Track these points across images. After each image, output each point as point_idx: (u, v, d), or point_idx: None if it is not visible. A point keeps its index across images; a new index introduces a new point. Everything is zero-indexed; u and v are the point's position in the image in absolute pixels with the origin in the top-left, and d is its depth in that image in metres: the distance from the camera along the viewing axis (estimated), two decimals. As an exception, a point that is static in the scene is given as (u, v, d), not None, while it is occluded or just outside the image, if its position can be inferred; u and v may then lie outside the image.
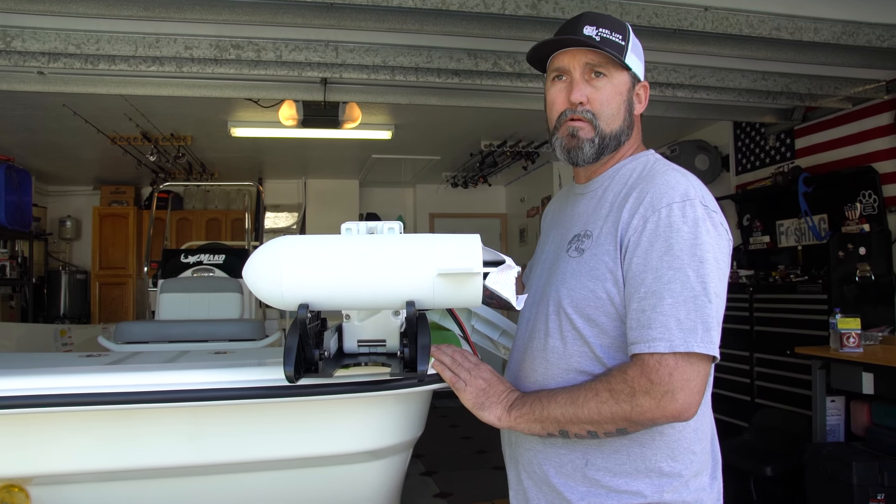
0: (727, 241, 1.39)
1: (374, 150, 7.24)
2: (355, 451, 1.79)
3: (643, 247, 1.35)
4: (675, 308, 1.29)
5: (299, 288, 1.31)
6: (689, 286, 1.30)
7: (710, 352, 1.29)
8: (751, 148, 5.87)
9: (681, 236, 1.33)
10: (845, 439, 3.93)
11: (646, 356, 1.30)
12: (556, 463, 1.47)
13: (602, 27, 1.48)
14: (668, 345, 1.28)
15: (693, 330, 1.28)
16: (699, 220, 1.34)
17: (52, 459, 1.64)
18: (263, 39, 3.70)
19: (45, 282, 8.51)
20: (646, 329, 1.31)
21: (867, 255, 4.44)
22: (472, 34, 3.52)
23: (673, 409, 1.28)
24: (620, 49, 1.49)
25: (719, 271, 1.34)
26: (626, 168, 1.53)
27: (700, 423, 1.44)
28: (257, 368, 1.55)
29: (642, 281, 1.34)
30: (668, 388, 1.27)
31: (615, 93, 1.50)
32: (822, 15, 3.60)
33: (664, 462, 1.40)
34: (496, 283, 1.35)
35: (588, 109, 1.49)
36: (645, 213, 1.37)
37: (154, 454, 1.67)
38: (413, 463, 5.42)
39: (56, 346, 6.19)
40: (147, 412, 1.58)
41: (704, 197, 1.39)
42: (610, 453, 1.42)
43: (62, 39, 3.53)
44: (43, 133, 6.28)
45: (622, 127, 1.51)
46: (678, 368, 1.28)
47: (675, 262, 1.32)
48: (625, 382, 1.31)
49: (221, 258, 6.07)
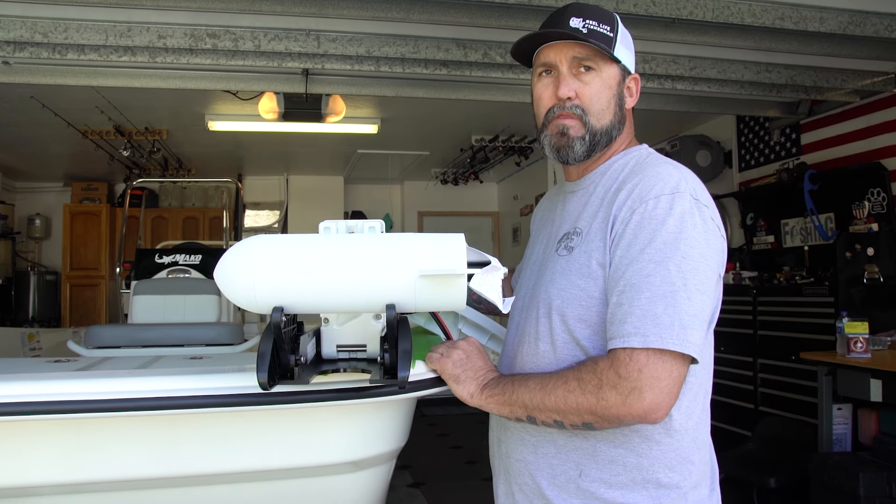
0: (718, 237, 1.36)
1: (360, 144, 7.30)
2: (335, 462, 1.76)
3: (627, 238, 1.34)
4: (653, 302, 1.27)
5: (274, 290, 1.29)
6: (668, 280, 1.27)
7: (685, 350, 1.25)
8: (754, 143, 5.86)
9: (666, 229, 1.30)
10: (852, 449, 3.89)
11: (618, 350, 1.28)
12: (548, 474, 1.44)
13: (589, 18, 1.46)
14: (641, 340, 1.25)
15: (670, 326, 1.25)
16: (686, 214, 1.31)
17: (17, 471, 1.60)
18: (241, 28, 3.73)
19: (13, 283, 8.44)
20: (621, 323, 1.29)
21: (876, 255, 4.39)
22: (460, 23, 3.51)
23: (639, 407, 1.25)
24: (609, 41, 1.46)
25: (707, 268, 1.31)
26: (617, 163, 1.50)
27: (698, 433, 1.42)
28: (233, 375, 1.51)
29: (623, 273, 1.32)
30: (636, 385, 1.25)
31: (605, 87, 1.48)
32: (827, 4, 3.58)
33: (661, 473, 1.37)
34: (481, 286, 1.34)
35: (577, 104, 1.47)
36: (632, 205, 1.35)
37: (124, 465, 1.64)
38: (400, 474, 5.37)
39: (23, 350, 6.11)
40: (117, 421, 1.55)
41: (696, 190, 1.36)
42: (605, 463, 1.38)
43: (28, 27, 3.50)
44: (10, 127, 6.25)
45: (613, 122, 1.49)
46: (648, 365, 1.25)
47: (656, 255, 1.29)
48: (594, 373, 1.29)
49: (198, 258, 5.96)
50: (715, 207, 1.39)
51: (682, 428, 1.36)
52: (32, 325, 7.74)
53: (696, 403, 1.40)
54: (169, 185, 8.81)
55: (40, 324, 8.06)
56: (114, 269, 8.02)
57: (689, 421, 1.37)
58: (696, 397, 1.39)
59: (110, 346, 4.05)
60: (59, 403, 1.44)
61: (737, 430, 4.93)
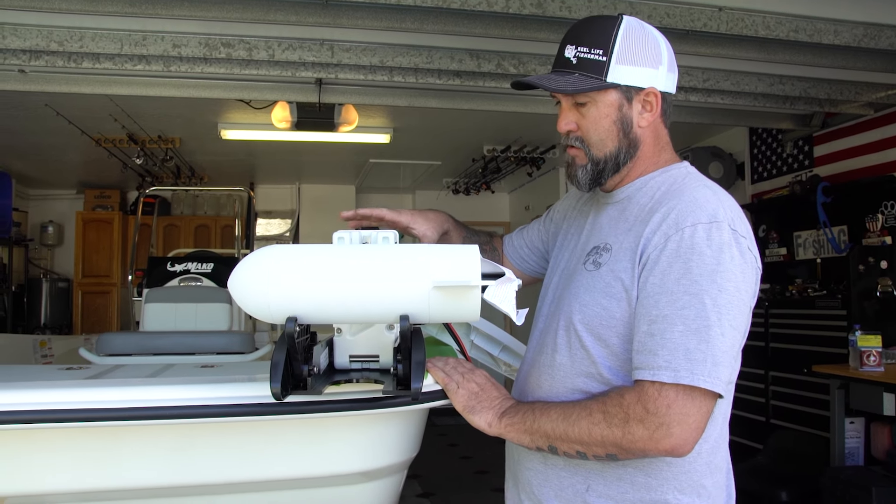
0: (754, 269, 1.34)
1: (372, 154, 7.26)
2: (347, 473, 1.76)
3: (661, 267, 1.31)
4: (686, 337, 1.25)
5: (287, 300, 1.29)
6: (703, 315, 1.25)
7: (715, 389, 1.24)
8: (767, 155, 5.85)
9: (703, 260, 1.27)
10: (865, 463, 3.88)
11: (647, 384, 1.26)
12: (556, 486, 1.44)
13: (581, 45, 1.43)
14: (672, 375, 1.24)
15: (702, 362, 1.23)
16: (724, 245, 1.28)
17: (28, 479, 1.59)
18: (255, 38, 3.69)
19: (26, 290, 8.43)
20: (652, 355, 1.27)
21: (889, 268, 4.36)
22: (474, 34, 3.51)
23: (667, 443, 1.24)
24: (599, 68, 1.42)
25: (741, 303, 1.29)
26: (654, 181, 1.47)
27: (713, 457, 1.39)
28: (245, 384, 1.51)
29: (656, 303, 1.29)
30: (664, 421, 1.23)
31: (600, 116, 1.45)
32: (842, 16, 3.57)
33: (670, 494, 1.35)
34: (495, 297, 1.33)
35: (577, 136, 1.48)
36: (667, 231, 1.32)
37: (135, 474, 1.64)
38: (410, 484, 5.36)
39: (35, 357, 6.05)
40: (128, 430, 1.55)
41: (734, 220, 1.32)
42: (613, 480, 1.37)
43: (44, 36, 3.50)
44: (24, 134, 6.24)
45: (618, 147, 1.47)
46: (678, 401, 1.23)
47: (692, 287, 1.26)
48: (620, 407, 1.27)
49: (210, 267, 6.00)
50: (751, 234, 1.36)
51: (696, 452, 1.33)
52: (44, 332, 7.75)
53: (714, 428, 1.37)
54: (181, 193, 8.79)
55: (52, 331, 8.03)
56: (126, 277, 7.96)
57: (704, 444, 1.35)
58: (714, 422, 1.35)
59: (122, 353, 4.06)
60: (70, 412, 1.44)
61: (749, 443, 4.94)
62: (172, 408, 1.46)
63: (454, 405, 1.44)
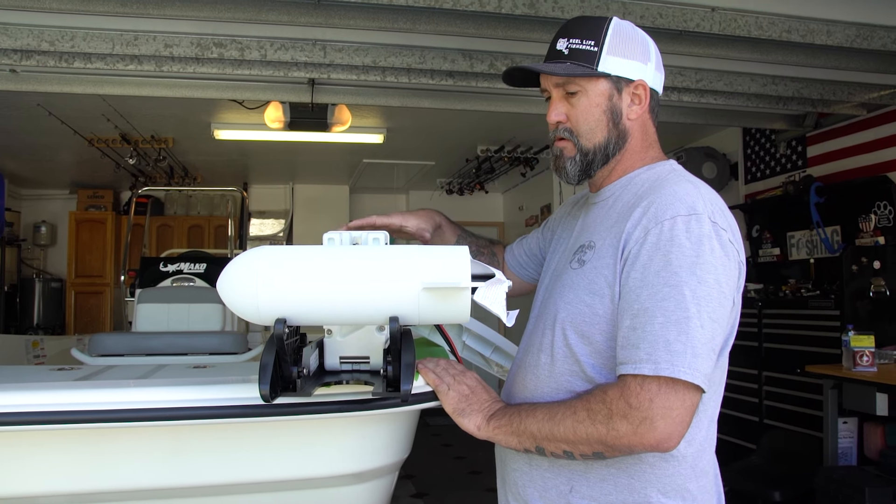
0: (736, 262, 1.33)
1: (365, 154, 7.27)
2: (338, 474, 1.76)
3: (642, 261, 1.31)
4: (666, 328, 1.24)
5: (276, 301, 1.29)
6: (683, 306, 1.25)
7: (694, 380, 1.23)
8: (760, 156, 5.85)
9: (682, 252, 1.27)
10: (858, 463, 3.89)
11: (629, 378, 1.26)
12: (540, 486, 1.44)
13: (573, 37, 1.46)
14: (653, 367, 1.23)
15: (682, 354, 1.23)
16: (704, 237, 1.28)
17: (17, 481, 1.59)
18: (247, 38, 3.67)
19: (18, 290, 8.41)
20: (634, 349, 1.26)
21: (882, 269, 4.38)
22: (467, 34, 3.51)
23: (651, 438, 1.23)
24: (591, 57, 1.44)
25: (721, 295, 1.28)
26: (640, 177, 1.48)
27: (699, 461, 1.38)
28: (236, 386, 1.51)
29: (637, 297, 1.29)
30: (647, 415, 1.22)
31: (591, 105, 1.46)
32: (835, 17, 3.57)
33: (654, 497, 1.34)
34: (485, 299, 1.32)
35: (566, 127, 1.49)
36: (647, 225, 1.32)
37: (125, 476, 1.64)
38: (403, 484, 5.36)
39: (27, 358, 6.08)
40: (119, 431, 1.54)
41: (714, 213, 1.32)
42: (596, 481, 1.37)
43: (35, 36, 3.49)
44: (16, 134, 6.23)
45: (607, 138, 1.48)
46: (660, 395, 1.23)
47: (672, 279, 1.26)
48: (603, 403, 1.27)
49: (203, 267, 6.01)
50: (735, 228, 1.36)
51: (681, 454, 1.33)
52: (37, 333, 7.77)
53: (700, 431, 1.36)
54: (174, 193, 8.79)
55: (45, 331, 8.04)
56: (118, 277, 8.01)
57: (689, 448, 1.34)
58: (699, 424, 1.35)
59: (114, 354, 4.07)
60: (62, 413, 1.43)
61: (742, 443, 4.93)
62: (164, 409, 1.45)
63: (444, 407, 1.44)
